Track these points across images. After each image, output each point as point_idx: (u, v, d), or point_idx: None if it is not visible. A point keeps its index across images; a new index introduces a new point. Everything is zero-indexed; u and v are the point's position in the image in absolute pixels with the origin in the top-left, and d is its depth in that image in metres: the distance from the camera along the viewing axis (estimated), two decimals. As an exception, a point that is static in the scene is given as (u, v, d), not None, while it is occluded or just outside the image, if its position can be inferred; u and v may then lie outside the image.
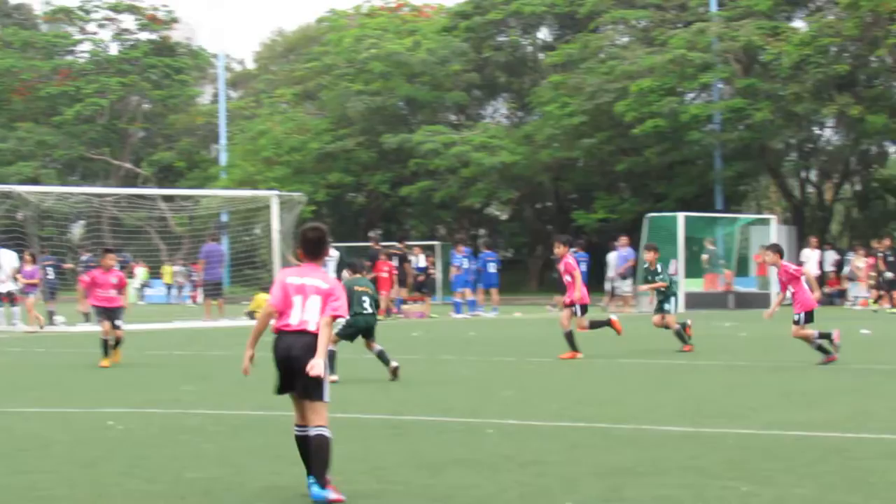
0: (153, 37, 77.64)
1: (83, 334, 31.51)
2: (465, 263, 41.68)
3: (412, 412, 14.94)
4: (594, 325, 23.44)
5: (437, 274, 48.89)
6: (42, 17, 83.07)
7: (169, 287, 60.36)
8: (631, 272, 41.95)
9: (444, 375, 20.06)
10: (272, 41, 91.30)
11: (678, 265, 42.63)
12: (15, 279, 34.71)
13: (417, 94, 64.04)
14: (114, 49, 78.24)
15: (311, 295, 9.66)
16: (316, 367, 9.44)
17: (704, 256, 45.63)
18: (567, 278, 22.76)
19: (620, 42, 60.19)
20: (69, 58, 78.34)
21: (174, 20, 78.33)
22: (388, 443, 12.44)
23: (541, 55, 67.21)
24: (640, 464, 10.98)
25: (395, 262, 40.48)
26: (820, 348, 20.57)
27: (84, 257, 39.21)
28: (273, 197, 41.53)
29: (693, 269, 44.92)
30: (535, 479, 10.36)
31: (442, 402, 16.00)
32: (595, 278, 41.88)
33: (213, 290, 39.73)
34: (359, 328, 18.87)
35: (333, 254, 39.24)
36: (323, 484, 9.44)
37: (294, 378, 9.57)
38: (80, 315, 34.02)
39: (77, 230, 56.10)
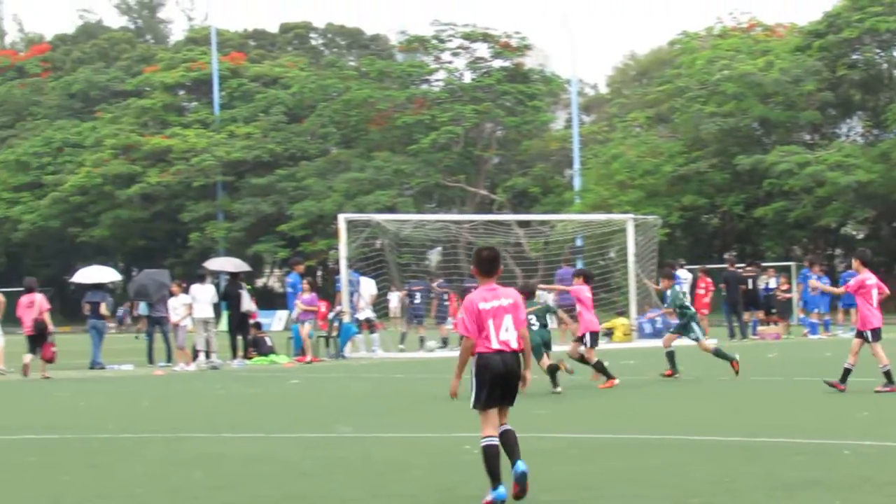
0: (506, 64, 78.78)
1: (441, 360, 32.20)
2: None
3: (768, 434, 14.71)
4: None
5: (794, 295, 47.90)
6: (397, 48, 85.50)
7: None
8: None
9: (799, 396, 19.68)
10: (624, 65, 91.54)
11: None
12: (373, 306, 35.68)
13: (771, 114, 63.15)
14: (468, 77, 79.74)
15: (503, 315, 10.44)
16: (528, 379, 10.62)
17: None
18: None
19: None
20: (424, 87, 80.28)
21: (527, 47, 79.33)
22: (744, 464, 12.28)
23: (896, 72, 65.38)
24: None
25: (748, 285, 39.95)
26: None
27: (436, 283, 40.06)
28: (628, 220, 41.60)
29: None
30: (894, 501, 10.07)
31: (797, 424, 15.72)
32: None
33: (567, 312, 39.91)
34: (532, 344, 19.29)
35: (685, 275, 38.95)
36: (496, 486, 10.27)
37: (505, 391, 10.46)
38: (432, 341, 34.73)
39: (434, 257, 57.39)
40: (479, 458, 13.42)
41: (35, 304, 30.50)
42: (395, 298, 45.56)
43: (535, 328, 21.06)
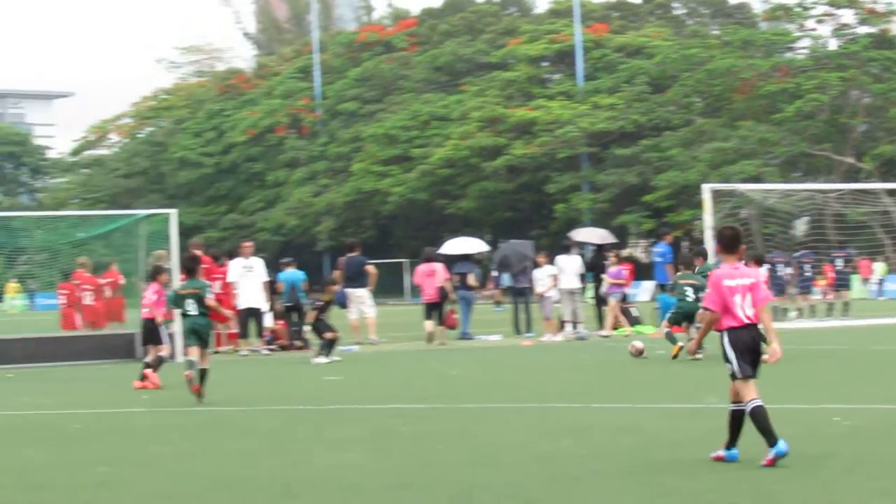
0: (872, 30, 76.44)
1: (799, 330, 31.69)
2: None
3: None
4: None
5: None
6: (761, 16, 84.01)
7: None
8: None
9: None
10: None
11: None
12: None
13: None
14: (832, 44, 77.81)
15: (745, 292, 11.25)
16: (777, 352, 11.51)
17: None
18: None
19: None
20: (788, 55, 78.71)
21: (893, 13, 76.74)
22: None
23: None
24: None
25: None
26: None
27: (798, 253, 39.35)
28: None
29: None
30: None
31: None
32: None
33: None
34: (684, 313, 23.84)
35: None
36: (774, 442, 11.03)
37: (753, 362, 11.33)
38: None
39: (800, 227, 56.38)
40: (847, 430, 13.37)
41: (436, 274, 31.81)
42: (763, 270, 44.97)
43: (689, 299, 23.64)
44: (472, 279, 34.41)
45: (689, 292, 23.71)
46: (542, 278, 32.85)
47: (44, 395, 20.49)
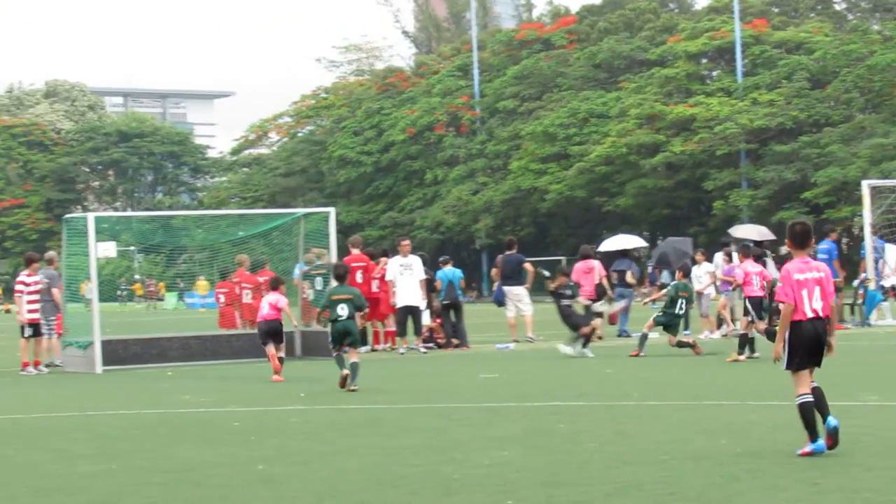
0: None
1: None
2: None
3: None
4: None
5: None
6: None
7: None
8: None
9: None
10: None
11: None
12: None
13: None
14: None
15: (814, 286, 11.69)
16: (834, 346, 11.86)
17: None
18: None
19: None
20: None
21: None
22: None
23: None
24: None
25: None
26: None
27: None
28: None
29: None
30: None
31: None
32: None
33: None
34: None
35: None
36: (815, 438, 11.63)
37: (815, 354, 11.77)
38: None
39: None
40: None
41: (594, 270, 31.85)
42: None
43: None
44: (629, 276, 34.29)
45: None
46: (700, 275, 32.61)
47: (203, 393, 20.90)
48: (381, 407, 17.68)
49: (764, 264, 34.08)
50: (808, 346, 11.74)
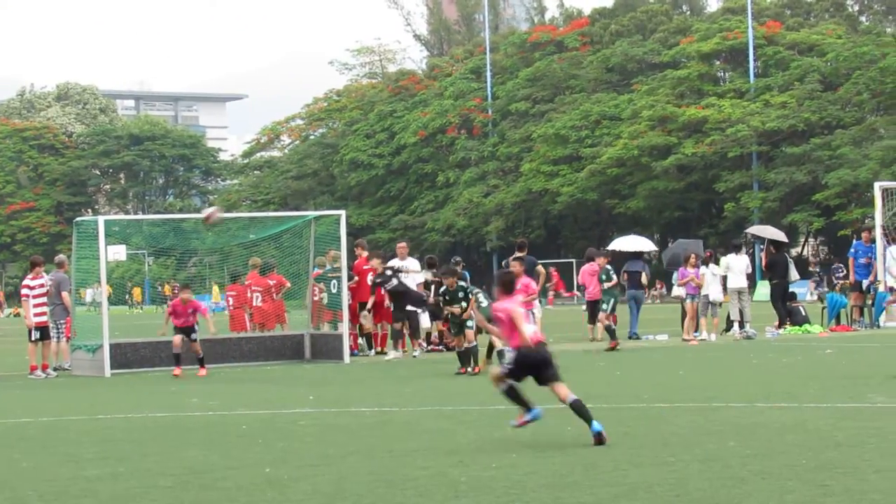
0: None
1: None
2: None
3: None
4: None
5: None
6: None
7: None
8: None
9: None
10: None
11: None
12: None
13: None
14: None
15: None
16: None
17: None
18: None
19: None
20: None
21: None
22: None
23: None
24: None
25: None
26: None
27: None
28: None
29: None
30: None
31: None
32: None
33: None
34: None
35: None
36: None
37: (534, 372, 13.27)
38: None
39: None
40: None
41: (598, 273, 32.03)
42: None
43: None
44: (643, 278, 34.29)
45: None
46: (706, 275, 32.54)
47: (212, 395, 20.91)
48: (389, 410, 17.67)
49: (786, 266, 34.28)
50: (528, 367, 13.29)
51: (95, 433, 15.93)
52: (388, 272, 28.74)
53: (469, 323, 23.90)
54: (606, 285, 30.85)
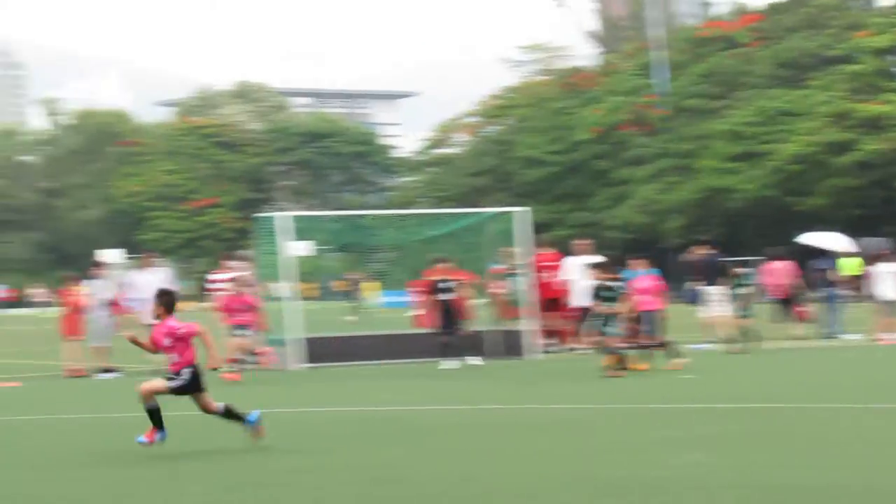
0: None
1: None
2: None
3: None
4: None
5: None
6: None
7: None
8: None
9: None
10: None
11: None
12: None
13: None
14: None
15: None
16: None
17: None
18: None
19: None
20: None
21: None
22: None
23: None
24: None
25: None
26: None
27: None
28: None
29: None
30: None
31: None
32: None
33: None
34: None
35: None
36: None
37: None
38: None
39: None
40: None
41: (784, 271, 32.01)
42: None
43: None
44: (832, 274, 34.12)
45: None
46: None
47: (399, 391, 21.22)
48: (564, 407, 17.82)
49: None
50: None
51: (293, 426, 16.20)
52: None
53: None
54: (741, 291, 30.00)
